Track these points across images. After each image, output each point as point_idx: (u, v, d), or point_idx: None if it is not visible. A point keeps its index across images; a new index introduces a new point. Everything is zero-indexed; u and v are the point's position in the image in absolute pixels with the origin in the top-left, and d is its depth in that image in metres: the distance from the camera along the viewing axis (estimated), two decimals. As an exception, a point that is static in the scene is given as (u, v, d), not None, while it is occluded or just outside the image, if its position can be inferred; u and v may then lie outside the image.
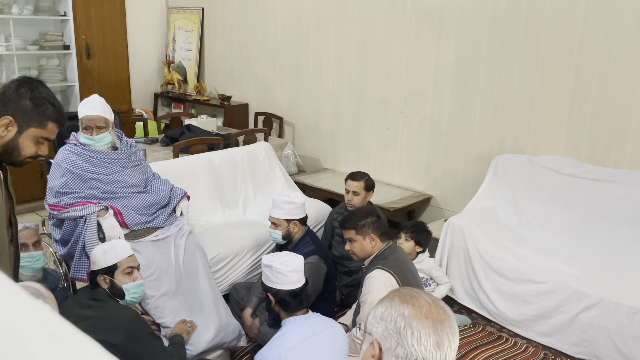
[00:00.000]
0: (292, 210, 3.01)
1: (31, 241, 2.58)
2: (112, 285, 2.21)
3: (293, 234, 3.04)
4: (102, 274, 2.21)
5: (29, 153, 1.70)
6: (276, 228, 3.03)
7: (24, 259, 2.47)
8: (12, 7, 4.96)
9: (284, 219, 3.01)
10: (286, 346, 2.12)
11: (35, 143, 1.70)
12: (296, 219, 3.02)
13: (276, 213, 3.02)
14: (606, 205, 3.32)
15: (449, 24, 4.08)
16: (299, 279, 2.33)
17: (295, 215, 3.02)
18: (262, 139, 4.67)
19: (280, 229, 3.02)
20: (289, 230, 3.02)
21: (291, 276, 2.29)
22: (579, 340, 2.91)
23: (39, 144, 1.71)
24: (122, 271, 2.23)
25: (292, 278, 2.29)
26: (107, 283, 2.21)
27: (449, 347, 1.16)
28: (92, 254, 2.27)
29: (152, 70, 6.52)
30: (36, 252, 2.58)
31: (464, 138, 4.16)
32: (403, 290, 1.26)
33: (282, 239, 3.03)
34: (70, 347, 0.40)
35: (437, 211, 4.40)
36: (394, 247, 2.57)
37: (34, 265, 2.55)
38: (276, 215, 3.02)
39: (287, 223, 3.01)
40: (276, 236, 3.04)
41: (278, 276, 2.29)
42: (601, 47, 3.41)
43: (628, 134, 3.40)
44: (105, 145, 2.84)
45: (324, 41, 4.99)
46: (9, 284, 0.44)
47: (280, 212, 3.01)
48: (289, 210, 3.00)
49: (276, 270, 2.29)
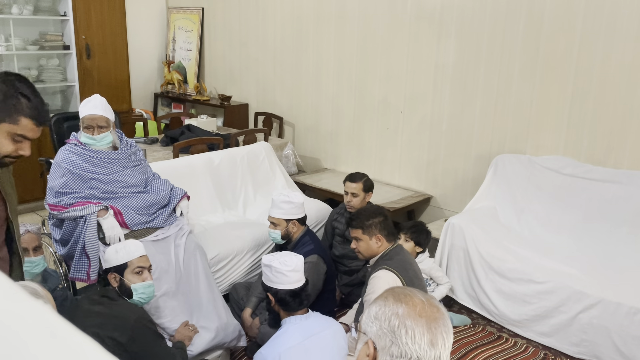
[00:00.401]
0: (291, 210, 3.01)
1: (32, 246, 2.57)
2: (122, 284, 2.25)
3: (292, 233, 3.04)
4: (112, 272, 2.26)
5: (4, 151, 1.58)
6: (275, 228, 3.03)
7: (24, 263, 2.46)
8: (12, 7, 4.96)
9: (283, 218, 3.01)
10: (286, 345, 2.13)
11: (12, 140, 1.58)
12: (295, 218, 3.02)
13: (275, 213, 3.02)
14: (606, 205, 3.32)
15: (449, 24, 4.08)
16: (299, 278, 2.34)
17: (294, 215, 3.02)
18: (262, 139, 4.67)
19: (279, 228, 3.02)
20: (288, 230, 3.02)
21: (291, 276, 2.30)
22: (579, 340, 2.91)
23: (16, 142, 1.59)
24: (132, 270, 2.26)
25: (292, 278, 2.30)
26: (117, 281, 2.25)
27: (443, 345, 1.16)
28: (106, 251, 2.33)
29: (152, 70, 6.52)
30: (36, 257, 2.58)
31: (464, 138, 4.16)
32: (397, 290, 1.26)
33: (281, 238, 3.03)
34: (70, 347, 0.40)
35: (437, 211, 4.40)
36: (399, 247, 2.57)
37: (32, 271, 2.55)
38: (275, 215, 3.02)
39: (286, 223, 3.01)
40: (275, 236, 3.04)
41: (278, 276, 2.30)
42: (601, 47, 3.41)
43: (628, 134, 3.40)
44: (106, 145, 2.84)
45: (324, 41, 4.99)
46: (9, 284, 0.44)
47: (279, 211, 3.01)
48: (288, 210, 3.00)
49: (276, 270, 2.31)
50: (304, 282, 2.36)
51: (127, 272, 2.26)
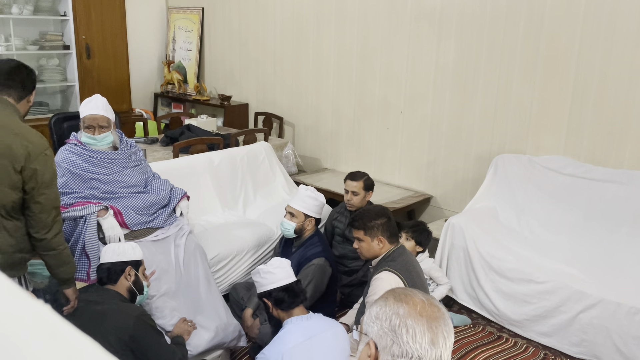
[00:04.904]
0: (313, 207, 3.02)
1: None
2: (136, 280, 2.34)
3: (305, 230, 3.04)
4: (130, 267, 2.32)
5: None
6: (291, 219, 3.02)
7: (35, 265, 2.46)
8: (12, 7, 4.96)
9: (303, 212, 3.00)
10: (288, 345, 2.13)
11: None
12: (314, 216, 3.03)
13: (297, 204, 3.01)
14: (606, 205, 3.32)
15: (449, 24, 4.08)
16: (287, 275, 2.42)
17: (314, 212, 3.03)
18: (262, 139, 4.67)
19: (296, 221, 3.01)
20: (303, 225, 3.02)
21: (278, 272, 2.40)
22: (579, 340, 2.91)
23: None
24: (143, 270, 2.40)
25: (279, 274, 2.39)
26: (131, 277, 2.32)
27: (444, 345, 1.16)
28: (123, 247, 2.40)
29: (152, 70, 6.52)
30: None
31: (464, 138, 4.16)
32: (398, 290, 1.26)
33: (294, 232, 3.03)
34: (70, 347, 0.40)
35: (437, 211, 4.40)
36: (402, 248, 2.55)
37: (45, 272, 2.55)
38: (296, 207, 3.01)
39: (304, 217, 3.01)
40: (289, 227, 3.02)
41: (266, 276, 2.40)
42: (601, 47, 3.41)
43: (628, 134, 3.40)
44: (107, 145, 2.84)
45: (324, 41, 4.99)
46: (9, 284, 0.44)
47: (301, 204, 3.01)
48: (310, 206, 3.01)
49: (263, 272, 2.41)
50: (295, 280, 2.44)
51: (140, 270, 2.38)
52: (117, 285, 2.31)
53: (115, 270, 2.31)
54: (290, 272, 2.46)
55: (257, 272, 2.45)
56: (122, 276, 2.31)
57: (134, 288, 2.33)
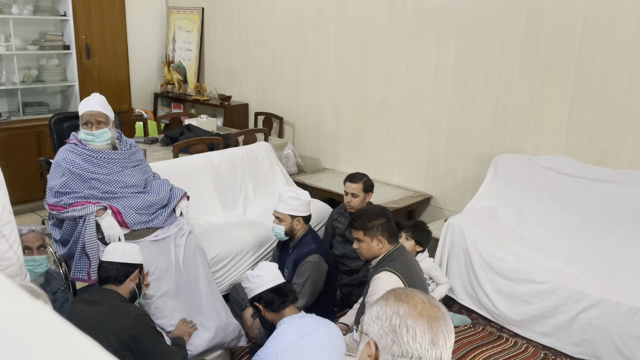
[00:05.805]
0: (298, 207, 3.02)
1: (35, 245, 2.57)
2: (139, 283, 2.39)
3: (296, 231, 3.05)
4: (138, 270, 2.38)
5: None
6: (280, 223, 3.04)
7: (27, 262, 2.46)
8: (12, 7, 4.96)
9: (288, 214, 3.01)
10: (281, 345, 2.14)
11: None
12: (301, 215, 3.03)
13: (281, 208, 3.03)
14: (606, 205, 3.32)
15: (449, 24, 4.08)
16: (275, 277, 2.47)
17: (300, 212, 3.03)
18: (262, 139, 4.67)
19: (284, 224, 3.03)
20: (292, 226, 3.03)
21: (265, 275, 2.45)
22: (579, 340, 2.91)
23: None
24: (144, 274, 2.46)
25: (266, 277, 2.45)
26: (136, 279, 2.37)
27: (445, 345, 1.17)
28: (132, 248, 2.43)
29: (152, 70, 6.52)
30: (39, 256, 2.57)
31: (464, 138, 4.16)
32: (398, 290, 1.27)
33: (285, 234, 3.04)
34: (70, 347, 0.40)
35: (437, 211, 4.40)
36: (402, 249, 2.55)
37: (36, 270, 2.54)
38: (281, 210, 3.03)
39: (291, 219, 3.02)
40: (279, 231, 3.05)
41: (254, 280, 2.46)
42: (601, 47, 3.41)
43: (628, 134, 3.40)
44: (105, 142, 2.84)
45: (324, 41, 4.99)
46: (9, 284, 0.44)
47: (285, 207, 3.02)
48: (294, 206, 3.02)
49: (251, 276, 2.48)
50: (283, 282, 2.49)
51: (143, 273, 2.44)
52: (121, 286, 2.31)
53: (125, 272, 2.33)
54: (278, 274, 2.51)
55: (246, 278, 2.50)
56: (129, 278, 2.33)
57: (136, 290, 2.36)
